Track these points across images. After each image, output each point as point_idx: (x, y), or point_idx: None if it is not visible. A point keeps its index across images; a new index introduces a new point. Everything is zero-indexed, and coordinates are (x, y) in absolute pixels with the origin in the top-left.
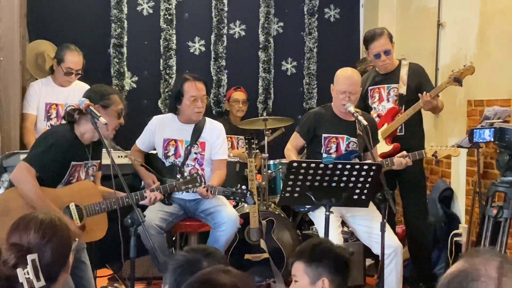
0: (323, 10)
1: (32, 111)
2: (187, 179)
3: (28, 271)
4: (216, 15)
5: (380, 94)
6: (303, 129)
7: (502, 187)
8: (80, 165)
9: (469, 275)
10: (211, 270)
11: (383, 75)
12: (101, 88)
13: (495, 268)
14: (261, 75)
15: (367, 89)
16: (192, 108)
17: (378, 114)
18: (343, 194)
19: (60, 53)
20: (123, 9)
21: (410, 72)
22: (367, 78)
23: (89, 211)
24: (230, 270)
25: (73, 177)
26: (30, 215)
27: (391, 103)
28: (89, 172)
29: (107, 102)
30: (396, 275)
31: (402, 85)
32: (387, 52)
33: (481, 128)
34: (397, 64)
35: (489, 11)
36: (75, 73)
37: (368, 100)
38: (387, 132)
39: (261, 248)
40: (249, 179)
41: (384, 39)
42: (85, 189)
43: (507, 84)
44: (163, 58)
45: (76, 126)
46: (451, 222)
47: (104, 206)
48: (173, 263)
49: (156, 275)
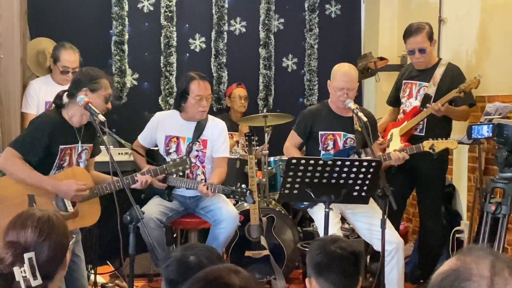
0: (324, 6)
1: (31, 110)
2: (176, 161)
3: (25, 270)
4: (217, 11)
5: (410, 90)
6: (299, 127)
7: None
8: (70, 148)
9: (461, 274)
10: (220, 268)
11: (419, 71)
12: (91, 71)
13: (487, 267)
14: (262, 72)
15: (401, 82)
16: (197, 107)
17: (403, 110)
18: (343, 191)
19: (55, 52)
20: (124, 6)
21: (445, 73)
22: (405, 70)
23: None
24: (240, 271)
25: (64, 161)
26: (27, 213)
27: (417, 102)
28: (81, 156)
29: (96, 85)
30: (397, 271)
31: (432, 85)
32: (422, 50)
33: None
34: (436, 61)
35: (490, 6)
36: (71, 71)
37: (400, 93)
38: (404, 130)
39: (262, 245)
40: (249, 176)
41: (421, 37)
42: (76, 175)
43: (509, 79)
44: (163, 55)
45: (64, 110)
46: (453, 219)
47: (97, 191)
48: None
49: (156, 271)
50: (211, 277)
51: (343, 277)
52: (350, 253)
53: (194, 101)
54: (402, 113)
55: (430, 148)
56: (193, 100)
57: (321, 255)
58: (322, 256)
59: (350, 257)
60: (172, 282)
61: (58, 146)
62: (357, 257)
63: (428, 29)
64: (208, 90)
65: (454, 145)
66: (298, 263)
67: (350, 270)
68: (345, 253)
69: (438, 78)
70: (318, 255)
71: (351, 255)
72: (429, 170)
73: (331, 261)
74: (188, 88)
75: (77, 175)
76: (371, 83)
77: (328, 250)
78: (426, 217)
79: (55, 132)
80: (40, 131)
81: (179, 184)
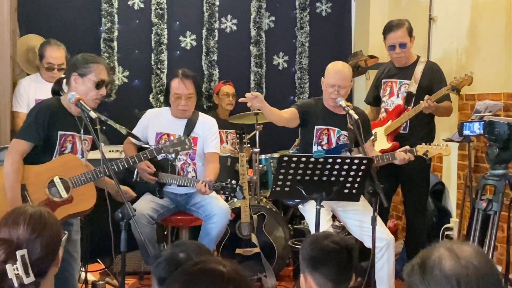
0: (315, 4)
1: (22, 109)
2: (174, 141)
3: (18, 267)
4: (208, 9)
5: (391, 89)
6: (299, 106)
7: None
8: (73, 136)
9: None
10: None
11: (398, 69)
12: (85, 56)
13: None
14: (253, 70)
15: (381, 81)
16: (176, 105)
17: (385, 109)
18: (334, 188)
19: (41, 49)
20: (113, 3)
21: (425, 70)
22: (384, 69)
23: (75, 182)
24: (228, 263)
25: (65, 148)
26: (19, 210)
27: (400, 100)
28: (84, 146)
29: (84, 70)
30: (388, 268)
31: (413, 83)
32: (403, 45)
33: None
34: (415, 59)
35: (480, 4)
36: (57, 68)
37: (380, 92)
38: (390, 129)
39: (252, 242)
40: (240, 174)
41: (401, 32)
42: (68, 162)
43: (498, 78)
44: (154, 53)
45: (62, 98)
46: (443, 216)
47: (90, 176)
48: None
49: (147, 269)
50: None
51: (338, 270)
52: (344, 247)
53: (173, 98)
54: (385, 112)
55: (424, 154)
56: (172, 98)
57: (315, 249)
58: (316, 251)
59: (343, 250)
60: (163, 280)
61: (57, 132)
62: (351, 251)
63: (408, 25)
64: (187, 90)
65: (447, 152)
66: (288, 260)
67: (344, 263)
68: (338, 247)
69: (419, 75)
70: (312, 250)
71: (344, 248)
72: (412, 168)
73: (325, 255)
74: (169, 85)
75: (69, 163)
76: (361, 81)
77: (322, 244)
78: (412, 214)
79: (54, 117)
80: (41, 115)
81: (170, 181)
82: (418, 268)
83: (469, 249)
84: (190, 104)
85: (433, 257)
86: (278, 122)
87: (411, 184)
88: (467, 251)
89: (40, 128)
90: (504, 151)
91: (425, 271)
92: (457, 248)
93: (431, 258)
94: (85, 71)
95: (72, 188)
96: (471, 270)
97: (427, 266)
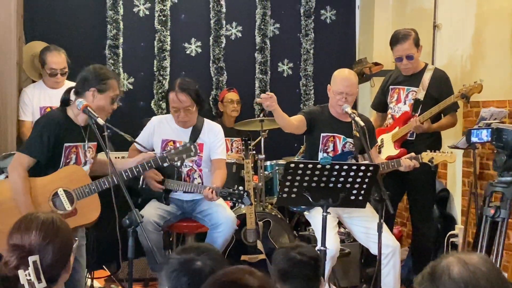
0: (319, 11)
1: (27, 118)
2: (179, 149)
3: (30, 273)
4: (214, 16)
5: (398, 95)
6: (307, 112)
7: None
8: (76, 146)
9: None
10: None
11: (406, 77)
12: (100, 70)
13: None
14: (258, 77)
15: (388, 87)
16: (175, 116)
17: (392, 115)
18: (340, 195)
19: (42, 56)
20: (119, 10)
21: (433, 78)
22: (391, 76)
23: (79, 194)
24: (255, 271)
25: (70, 160)
26: (31, 216)
27: (407, 106)
28: (87, 155)
29: (104, 86)
30: (394, 275)
31: (421, 90)
32: (410, 57)
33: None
34: (422, 67)
35: (485, 12)
36: (60, 72)
37: (387, 98)
38: (397, 136)
39: (258, 249)
40: (246, 180)
41: (408, 44)
42: (72, 173)
43: (503, 85)
44: (157, 59)
45: (69, 108)
46: (447, 223)
47: (94, 187)
48: (166, 269)
49: (152, 276)
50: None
51: (304, 281)
52: (309, 258)
53: (172, 111)
54: (391, 119)
55: (429, 161)
56: (171, 110)
57: (282, 261)
58: (284, 263)
59: (309, 261)
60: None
61: (63, 144)
62: (316, 262)
63: (414, 35)
64: (183, 103)
65: (452, 159)
66: None
67: (310, 274)
68: (304, 258)
69: (426, 82)
70: (280, 262)
71: (310, 259)
72: (418, 175)
73: (292, 267)
74: (167, 97)
75: (73, 174)
76: (366, 88)
77: (289, 256)
78: (418, 221)
79: (59, 130)
80: (46, 130)
81: (176, 187)
82: (427, 276)
83: (477, 257)
84: (190, 115)
85: (442, 264)
86: (286, 127)
87: (417, 191)
88: (475, 259)
89: (45, 146)
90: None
91: (434, 278)
92: (465, 256)
93: (440, 265)
94: (104, 87)
95: (77, 200)
96: (479, 275)
97: (436, 273)
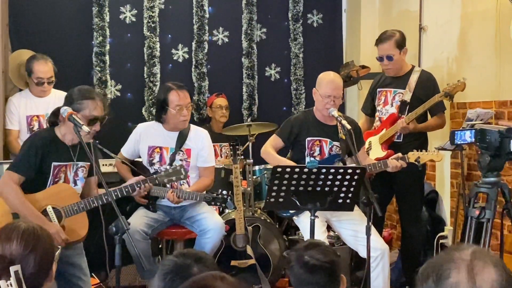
0: (306, 15)
1: (13, 126)
2: (169, 171)
3: (11, 283)
4: (197, 21)
5: (386, 98)
6: (283, 133)
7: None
8: (65, 166)
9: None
10: (206, 276)
11: (393, 78)
12: (82, 90)
13: (468, 253)
14: (245, 81)
15: (376, 91)
16: (178, 117)
17: (380, 118)
18: (328, 198)
19: (28, 65)
20: (104, 18)
21: (419, 80)
22: (379, 79)
23: (67, 212)
24: (226, 277)
25: (58, 179)
26: (11, 226)
27: (394, 108)
28: (78, 174)
29: (78, 106)
30: (383, 278)
31: (408, 92)
32: (389, 57)
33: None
34: (409, 69)
35: (469, 13)
36: (46, 81)
37: (375, 101)
38: (384, 138)
39: (248, 254)
40: (234, 185)
41: (388, 44)
42: (61, 191)
43: (489, 86)
44: (147, 66)
45: (57, 128)
46: (437, 225)
47: (83, 205)
48: (161, 268)
49: (142, 283)
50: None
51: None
52: (323, 262)
53: (175, 111)
54: (379, 121)
55: (415, 160)
56: (173, 111)
57: (296, 267)
58: (297, 269)
59: (323, 265)
60: None
61: (51, 163)
62: (332, 264)
63: (397, 37)
64: (187, 99)
65: (439, 158)
66: (284, 271)
67: (325, 280)
68: (318, 263)
69: (413, 84)
70: (294, 267)
71: (324, 263)
72: (406, 177)
73: (306, 274)
74: (167, 99)
75: (62, 192)
76: (353, 91)
77: (303, 261)
78: (406, 223)
79: (47, 149)
80: (33, 149)
81: (161, 194)
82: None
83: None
84: (189, 113)
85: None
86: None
87: (405, 193)
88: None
89: (32, 164)
90: (496, 159)
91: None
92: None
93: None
94: (78, 107)
95: (65, 217)
96: None
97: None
